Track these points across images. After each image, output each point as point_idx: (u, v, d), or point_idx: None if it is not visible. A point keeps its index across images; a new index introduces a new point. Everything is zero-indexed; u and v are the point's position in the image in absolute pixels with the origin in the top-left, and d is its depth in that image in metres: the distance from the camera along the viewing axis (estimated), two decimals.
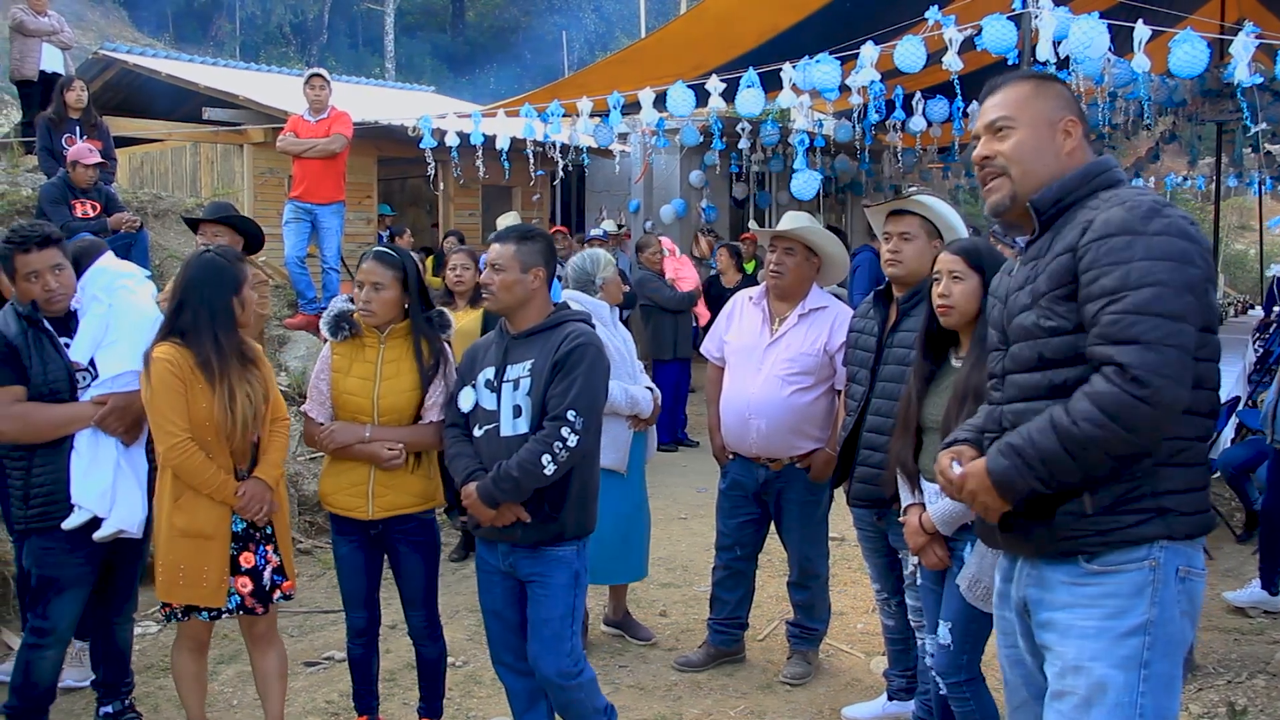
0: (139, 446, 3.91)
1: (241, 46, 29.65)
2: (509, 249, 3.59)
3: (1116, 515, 2.31)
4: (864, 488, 4.00)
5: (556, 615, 3.57)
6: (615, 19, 34.64)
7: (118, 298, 3.94)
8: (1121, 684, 2.30)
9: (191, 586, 3.63)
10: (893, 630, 4.31)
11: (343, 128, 8.93)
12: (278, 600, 3.84)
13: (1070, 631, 2.37)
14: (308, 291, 9.10)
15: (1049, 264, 2.38)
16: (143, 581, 5.49)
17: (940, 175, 15.72)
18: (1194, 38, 6.53)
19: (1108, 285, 2.23)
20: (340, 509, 3.94)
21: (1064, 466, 2.25)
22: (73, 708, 4.51)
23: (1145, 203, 2.30)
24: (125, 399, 3.78)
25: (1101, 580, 2.34)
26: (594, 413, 3.51)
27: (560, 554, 3.56)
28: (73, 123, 8.59)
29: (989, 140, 2.53)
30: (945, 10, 6.97)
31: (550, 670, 3.59)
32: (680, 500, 8.05)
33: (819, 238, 4.67)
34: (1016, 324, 2.46)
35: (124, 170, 12.47)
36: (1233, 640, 5.24)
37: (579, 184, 15.57)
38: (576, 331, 3.55)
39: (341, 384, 3.89)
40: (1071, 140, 2.49)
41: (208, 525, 3.62)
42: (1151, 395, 2.15)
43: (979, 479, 2.39)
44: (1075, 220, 2.37)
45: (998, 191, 2.52)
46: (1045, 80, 2.58)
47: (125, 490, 3.81)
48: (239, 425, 3.59)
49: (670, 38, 9.33)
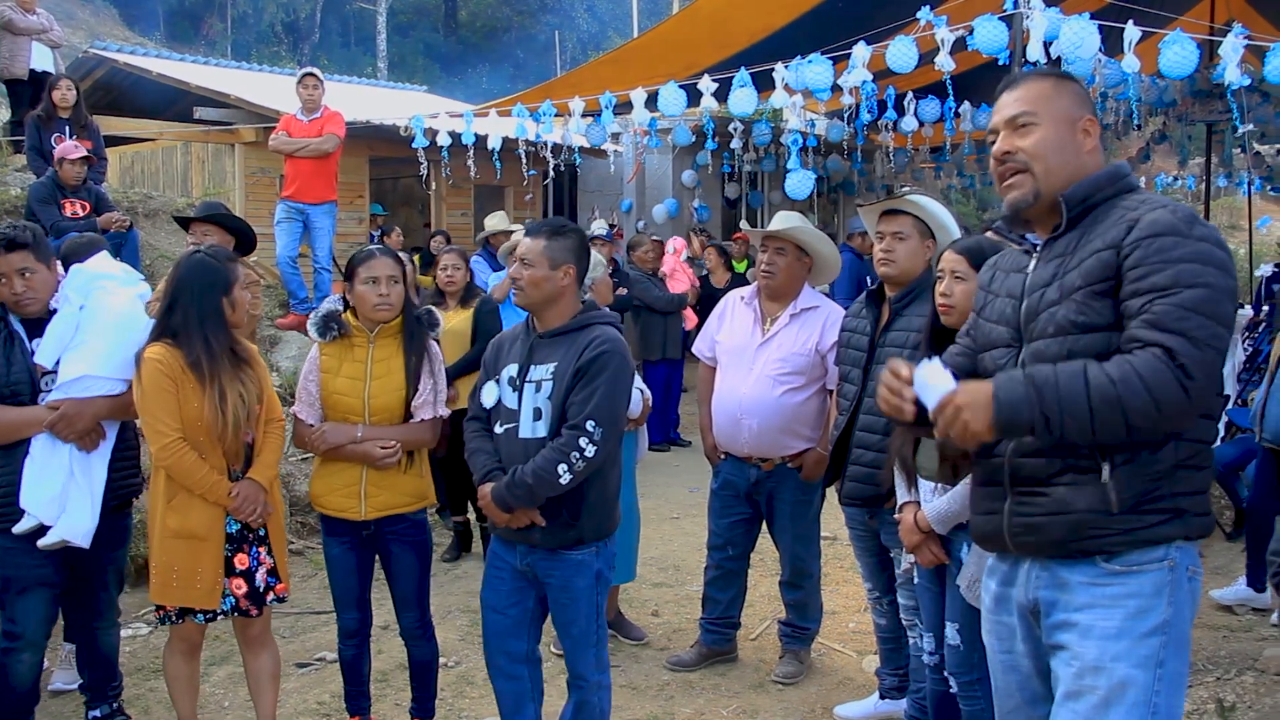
0: (100, 457, 3.82)
1: (233, 46, 29.59)
2: (539, 244, 3.47)
3: (1140, 515, 2.32)
4: (856, 486, 4.01)
5: (582, 616, 3.55)
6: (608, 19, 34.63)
7: (92, 299, 3.86)
8: (1142, 683, 2.31)
9: (185, 588, 3.61)
10: (884, 629, 4.32)
11: (335, 127, 8.93)
12: (271, 602, 3.82)
13: (1091, 632, 2.35)
14: (299, 291, 9.09)
15: (1084, 260, 2.36)
16: (135, 584, 5.51)
17: (932, 175, 15.73)
18: (1184, 39, 6.56)
19: (1159, 282, 2.23)
20: (333, 510, 3.93)
21: (1078, 418, 2.19)
22: (63, 710, 4.50)
23: (1185, 209, 2.34)
24: (79, 405, 3.71)
25: (1124, 580, 2.34)
26: (615, 423, 3.43)
27: (580, 557, 3.51)
28: (62, 122, 8.57)
29: (1009, 135, 2.50)
30: (937, 10, 6.99)
31: (582, 667, 3.59)
32: (672, 500, 8.06)
33: (811, 238, 4.68)
34: (1043, 319, 2.42)
35: (115, 170, 12.43)
36: (1221, 637, 5.26)
37: (571, 184, 15.58)
38: (603, 337, 3.44)
39: (331, 384, 3.88)
40: (1091, 140, 2.49)
41: (201, 526, 3.60)
42: (1192, 386, 2.16)
43: (976, 394, 2.24)
44: (1110, 219, 2.37)
45: (1020, 188, 2.49)
46: (1064, 78, 2.56)
47: (75, 500, 3.73)
48: (230, 426, 3.57)
49: (663, 37, 9.33)
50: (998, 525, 2.50)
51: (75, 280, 3.90)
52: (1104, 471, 2.31)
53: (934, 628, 3.64)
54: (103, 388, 3.77)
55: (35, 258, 3.77)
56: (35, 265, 3.77)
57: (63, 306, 3.84)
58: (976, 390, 2.25)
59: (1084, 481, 2.34)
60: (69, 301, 3.84)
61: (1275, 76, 6.44)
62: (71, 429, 3.70)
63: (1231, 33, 6.43)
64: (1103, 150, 2.54)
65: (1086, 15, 6.47)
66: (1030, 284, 2.50)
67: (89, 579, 3.98)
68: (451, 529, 6.75)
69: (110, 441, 3.85)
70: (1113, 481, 2.31)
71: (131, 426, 4.01)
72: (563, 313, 3.52)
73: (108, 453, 3.85)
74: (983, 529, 2.59)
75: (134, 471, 4.07)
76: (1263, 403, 5.68)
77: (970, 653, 3.42)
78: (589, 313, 3.54)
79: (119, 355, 3.79)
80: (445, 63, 33.21)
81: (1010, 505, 2.46)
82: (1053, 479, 2.38)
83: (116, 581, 4.10)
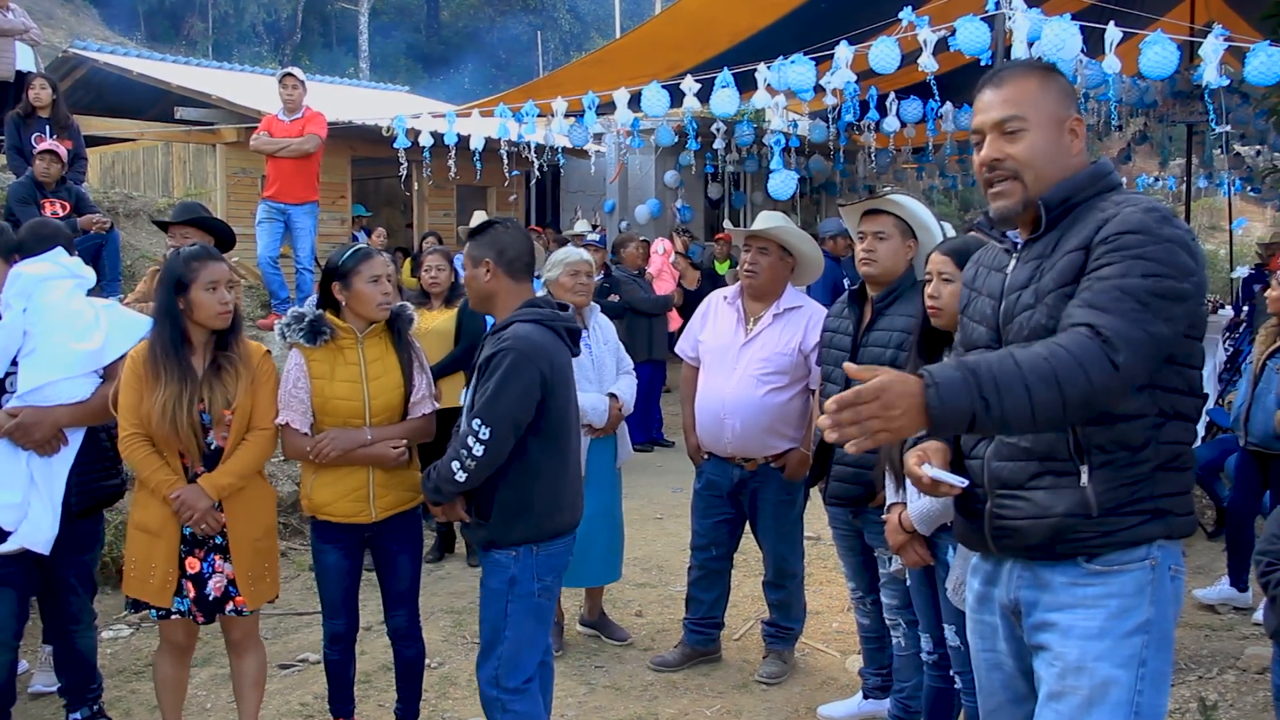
0: (61, 463, 3.79)
1: (214, 46, 29.44)
2: (466, 248, 3.57)
3: (1121, 516, 2.30)
4: (841, 486, 4.01)
5: (488, 618, 3.45)
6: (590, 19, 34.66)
7: (34, 300, 3.80)
8: (1124, 683, 2.30)
9: (141, 581, 3.63)
10: (868, 629, 4.32)
11: (317, 128, 8.89)
12: (229, 613, 3.73)
13: (1072, 632, 2.34)
14: (281, 291, 9.05)
15: (1057, 261, 2.33)
16: (116, 585, 5.48)
17: (914, 175, 15.79)
18: (1164, 40, 6.60)
19: (1108, 272, 2.20)
20: (341, 517, 3.85)
21: (1016, 399, 2.06)
22: (42, 713, 4.46)
23: (1161, 208, 2.30)
24: (38, 414, 3.69)
25: (1105, 580, 2.32)
26: (503, 421, 3.28)
27: (496, 558, 3.44)
28: (42, 121, 8.49)
29: (998, 141, 2.42)
30: (919, 11, 7.01)
31: (480, 676, 3.47)
32: (656, 500, 8.05)
33: (794, 238, 4.68)
34: (1018, 322, 2.39)
35: (95, 170, 12.37)
36: (1203, 636, 5.29)
37: (554, 184, 15.57)
38: (507, 335, 3.36)
39: (328, 390, 3.80)
40: (1078, 140, 2.44)
41: (154, 522, 3.60)
42: (1119, 359, 2.10)
43: (908, 384, 2.04)
44: (1086, 219, 2.34)
45: (1008, 197, 2.42)
46: (1050, 73, 2.48)
47: (35, 508, 3.72)
48: (178, 427, 3.51)
49: (645, 38, 9.34)
50: (979, 527, 2.48)
51: (15, 285, 3.82)
52: (1082, 475, 2.30)
53: (929, 627, 3.64)
54: (65, 393, 3.74)
55: None
56: None
57: (4, 314, 3.78)
58: (909, 379, 2.05)
59: (1063, 485, 2.32)
60: (9, 308, 3.77)
61: (1255, 77, 6.49)
62: (28, 437, 3.68)
63: (1212, 34, 6.47)
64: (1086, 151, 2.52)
65: (1068, 16, 6.49)
66: (1009, 285, 2.46)
67: (58, 584, 3.95)
68: (434, 530, 6.73)
69: (73, 448, 3.81)
70: (1092, 485, 2.29)
71: (106, 431, 3.97)
72: (504, 309, 3.48)
73: (70, 459, 3.81)
74: (965, 530, 2.58)
75: (108, 475, 4.02)
76: (1245, 405, 5.72)
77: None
78: (521, 309, 3.44)
79: (74, 351, 3.77)
80: (427, 63, 33.16)
81: (991, 508, 2.43)
82: (1031, 482, 2.36)
83: (86, 586, 4.05)
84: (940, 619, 3.52)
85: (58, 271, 3.95)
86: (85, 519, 3.92)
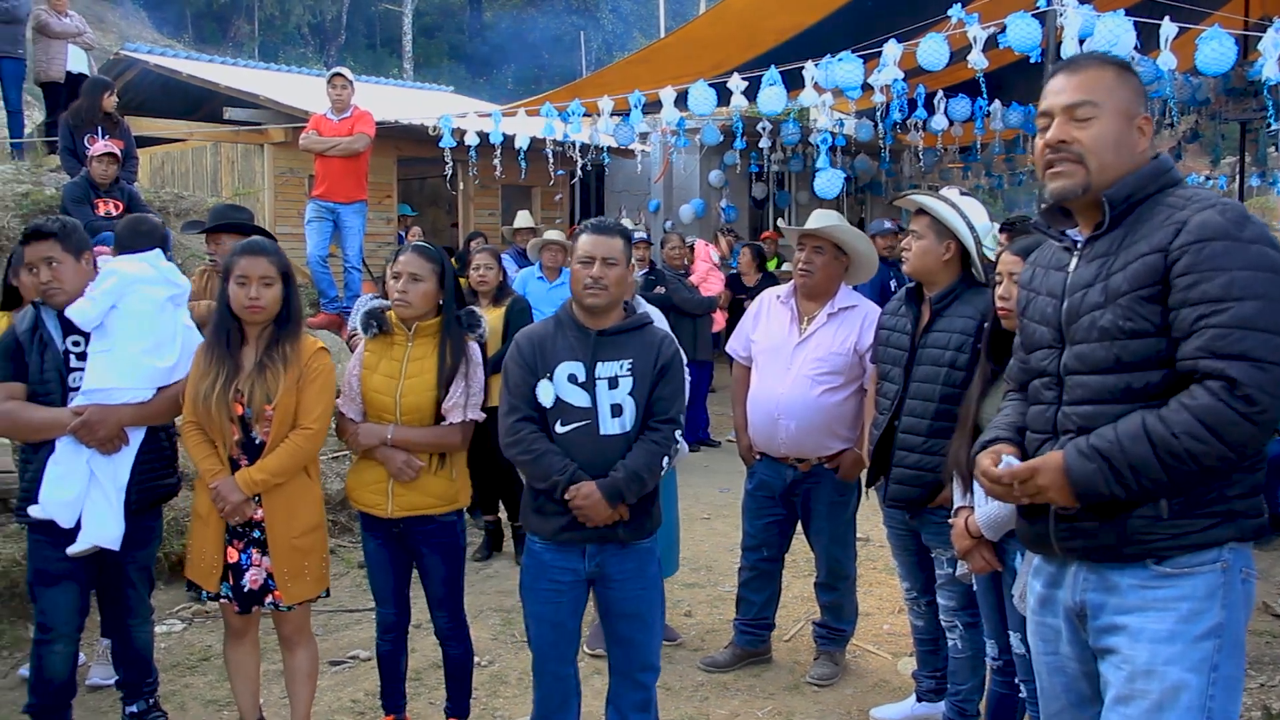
0: (124, 461, 3.84)
1: (260, 47, 29.79)
2: (617, 243, 3.50)
3: (1191, 519, 2.27)
4: (901, 489, 3.94)
5: (657, 603, 3.64)
6: (633, 19, 34.68)
7: (124, 302, 3.85)
8: (1196, 687, 2.27)
9: (194, 564, 3.81)
10: (922, 630, 4.28)
11: (366, 127, 8.95)
12: (268, 607, 3.79)
13: (1141, 635, 2.31)
14: (329, 290, 9.13)
15: (1131, 263, 2.30)
16: (169, 581, 5.54)
17: (960, 174, 15.65)
18: (1221, 34, 6.48)
19: (1211, 292, 2.17)
20: (364, 505, 3.95)
21: (1154, 478, 2.20)
22: (100, 705, 4.52)
23: (1235, 207, 2.26)
24: (103, 412, 3.74)
25: (1176, 583, 2.29)
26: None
27: (649, 545, 3.60)
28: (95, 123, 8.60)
29: (1066, 124, 2.40)
30: (968, 8, 6.93)
31: (653, 656, 3.65)
32: (703, 500, 8.03)
33: (848, 236, 4.64)
34: (1085, 322, 2.36)
35: (145, 170, 12.50)
36: (1264, 643, 5.19)
37: (598, 184, 15.58)
38: (669, 337, 3.64)
39: (369, 381, 3.89)
40: (1145, 140, 2.42)
41: (204, 508, 3.74)
42: (1258, 413, 2.12)
43: (1054, 476, 2.30)
44: (1155, 218, 2.31)
45: (1069, 178, 2.41)
46: (1126, 69, 2.46)
47: (99, 505, 3.76)
48: (210, 414, 3.61)
49: (691, 37, 9.31)
50: (1044, 530, 2.46)
51: (106, 282, 3.84)
52: None
53: (995, 634, 3.60)
54: (128, 396, 3.79)
55: (62, 248, 3.78)
56: (62, 255, 3.78)
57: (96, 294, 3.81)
58: (1055, 471, 2.31)
59: None
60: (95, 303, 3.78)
61: None
62: (93, 435, 3.73)
63: (1272, 28, 6.35)
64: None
65: (1121, 12, 6.39)
66: (1071, 283, 2.43)
67: (117, 578, 4.01)
68: (482, 528, 6.74)
69: (134, 446, 3.86)
70: None
71: (164, 430, 4.02)
72: (621, 311, 3.58)
73: (131, 457, 3.86)
74: (1030, 533, 2.55)
75: (166, 474, 4.07)
76: None
77: None
78: (638, 312, 3.62)
79: (145, 365, 3.82)
80: (470, 63, 33.34)
81: (1056, 511, 2.41)
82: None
83: (144, 581, 4.10)
84: (1006, 625, 3.47)
85: (154, 276, 3.99)
86: (144, 515, 3.97)
